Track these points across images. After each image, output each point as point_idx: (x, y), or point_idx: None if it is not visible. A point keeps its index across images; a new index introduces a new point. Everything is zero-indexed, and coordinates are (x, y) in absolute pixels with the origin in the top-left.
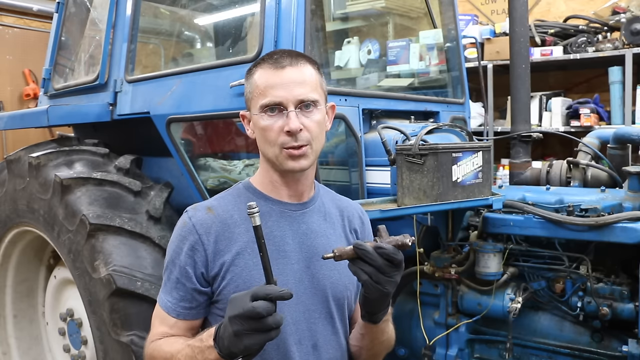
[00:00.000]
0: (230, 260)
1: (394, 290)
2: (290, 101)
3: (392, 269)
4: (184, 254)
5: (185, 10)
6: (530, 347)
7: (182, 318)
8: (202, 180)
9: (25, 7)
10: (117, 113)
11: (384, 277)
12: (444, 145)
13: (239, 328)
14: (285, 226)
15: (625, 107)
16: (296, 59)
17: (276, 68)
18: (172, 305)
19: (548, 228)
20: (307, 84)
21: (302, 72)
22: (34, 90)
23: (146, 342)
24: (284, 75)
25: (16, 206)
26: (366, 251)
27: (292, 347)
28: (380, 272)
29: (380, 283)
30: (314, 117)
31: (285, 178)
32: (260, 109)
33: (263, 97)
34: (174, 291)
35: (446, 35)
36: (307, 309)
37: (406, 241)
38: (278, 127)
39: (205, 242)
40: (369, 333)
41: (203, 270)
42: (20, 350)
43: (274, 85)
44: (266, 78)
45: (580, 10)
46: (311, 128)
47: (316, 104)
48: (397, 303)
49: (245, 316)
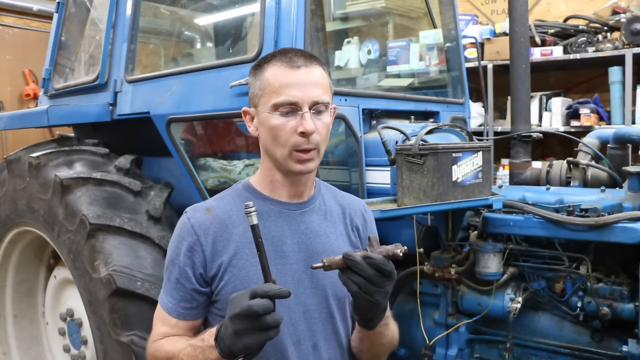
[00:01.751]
0: (228, 261)
1: (385, 300)
2: (305, 102)
3: (382, 280)
4: (183, 254)
5: (185, 10)
6: (530, 347)
7: (182, 318)
8: (202, 180)
9: (25, 7)
10: (117, 113)
11: (373, 288)
12: (444, 145)
13: (238, 327)
14: (284, 226)
15: (625, 107)
16: (309, 59)
17: (292, 67)
18: (172, 306)
19: (548, 228)
20: (320, 85)
21: (316, 73)
22: (34, 90)
23: (148, 342)
24: (300, 76)
25: (16, 206)
26: (355, 262)
27: (289, 347)
28: (370, 282)
29: (369, 294)
30: (324, 120)
31: (287, 178)
32: (272, 108)
33: (277, 96)
34: (174, 292)
35: (446, 35)
36: (306, 309)
37: (397, 252)
38: (291, 127)
39: (203, 242)
40: (367, 337)
41: (202, 270)
42: (20, 350)
43: (289, 84)
44: (280, 76)
45: (580, 10)
46: (322, 131)
47: (327, 106)
48: (397, 303)
49: (243, 315)
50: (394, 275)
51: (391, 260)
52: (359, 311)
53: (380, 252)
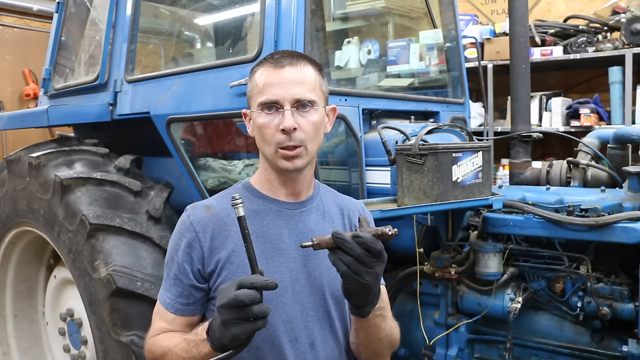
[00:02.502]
0: (225, 258)
1: (376, 283)
2: (286, 100)
3: (371, 259)
4: (182, 251)
5: (185, 10)
6: (530, 347)
7: (180, 314)
8: (202, 180)
9: (25, 7)
10: (117, 113)
11: (362, 268)
12: (444, 145)
13: (225, 317)
14: (281, 225)
15: (625, 107)
16: (297, 59)
17: (276, 67)
18: (170, 302)
19: (548, 228)
20: (305, 84)
21: (302, 72)
22: (34, 90)
23: (146, 337)
24: (283, 75)
25: (16, 206)
26: (344, 240)
27: (286, 346)
28: (359, 262)
29: (359, 274)
30: (310, 118)
31: (282, 177)
32: (258, 107)
33: (261, 95)
34: (173, 287)
35: (446, 35)
36: (303, 308)
37: (386, 230)
38: (274, 125)
39: (201, 239)
40: (361, 328)
41: (200, 266)
42: (20, 350)
43: (272, 83)
44: (265, 77)
45: (580, 10)
46: (306, 128)
47: (313, 104)
48: (397, 303)
49: (229, 305)
50: (384, 255)
51: (381, 240)
52: (348, 294)
53: (369, 232)
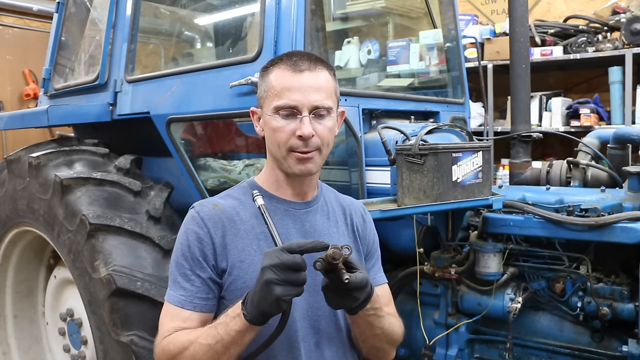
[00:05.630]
0: (236, 256)
1: (352, 301)
2: (305, 106)
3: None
4: (194, 246)
5: (185, 10)
6: (530, 347)
7: (198, 310)
8: (202, 180)
9: (25, 7)
10: (117, 113)
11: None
12: (444, 145)
13: (271, 277)
14: (289, 224)
15: (625, 107)
16: (315, 63)
17: (294, 71)
18: (186, 299)
19: (548, 228)
20: (323, 90)
21: (320, 77)
22: (34, 90)
23: (155, 342)
24: (302, 80)
25: (16, 206)
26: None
27: (299, 344)
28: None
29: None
30: (326, 124)
31: (290, 178)
32: (273, 110)
33: (278, 99)
34: (188, 284)
35: (446, 35)
36: (310, 307)
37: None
38: (290, 130)
39: (213, 235)
40: (353, 324)
41: (213, 262)
42: (20, 350)
43: (290, 88)
44: (283, 80)
45: (580, 10)
46: (322, 134)
47: (330, 111)
48: (397, 303)
49: (284, 266)
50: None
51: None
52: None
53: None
